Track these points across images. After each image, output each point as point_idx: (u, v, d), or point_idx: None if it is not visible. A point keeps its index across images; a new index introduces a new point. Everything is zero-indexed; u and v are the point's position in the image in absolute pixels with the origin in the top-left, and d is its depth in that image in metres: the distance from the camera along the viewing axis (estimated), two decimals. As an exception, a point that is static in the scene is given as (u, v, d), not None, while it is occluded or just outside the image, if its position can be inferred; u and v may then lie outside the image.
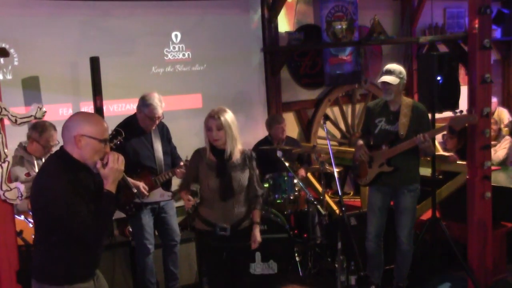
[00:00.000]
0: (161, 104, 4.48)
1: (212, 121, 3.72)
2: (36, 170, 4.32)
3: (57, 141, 4.33)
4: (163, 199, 4.60)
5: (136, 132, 4.51)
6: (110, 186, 2.79)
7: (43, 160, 4.38)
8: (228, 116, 3.74)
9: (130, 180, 4.05)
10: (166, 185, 4.62)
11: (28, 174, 4.30)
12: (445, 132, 4.94)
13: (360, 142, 4.62)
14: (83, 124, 2.80)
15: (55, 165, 2.80)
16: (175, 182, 4.77)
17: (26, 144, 4.42)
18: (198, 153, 3.92)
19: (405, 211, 4.51)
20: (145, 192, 4.40)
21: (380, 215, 4.59)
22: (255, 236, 3.87)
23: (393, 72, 4.38)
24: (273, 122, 5.73)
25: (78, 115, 2.93)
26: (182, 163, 4.59)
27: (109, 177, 2.79)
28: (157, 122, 4.53)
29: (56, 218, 2.69)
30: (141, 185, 4.39)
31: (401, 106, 4.42)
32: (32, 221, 4.05)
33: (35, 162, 4.37)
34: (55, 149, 4.31)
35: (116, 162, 2.80)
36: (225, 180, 3.77)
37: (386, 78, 4.37)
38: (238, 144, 3.82)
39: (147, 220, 4.54)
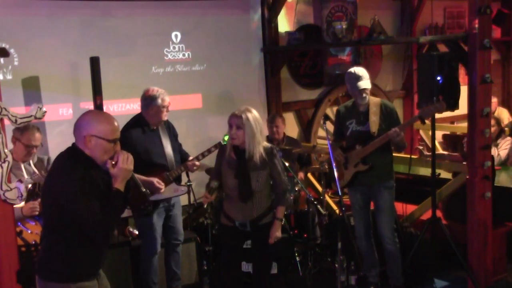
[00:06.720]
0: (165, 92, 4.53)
1: (234, 119, 3.75)
2: (25, 174, 4.17)
3: (41, 143, 4.20)
4: (177, 194, 4.60)
5: (145, 130, 4.50)
6: (119, 184, 2.82)
7: (31, 163, 4.23)
8: (251, 116, 3.75)
9: (142, 177, 4.10)
10: (178, 180, 4.63)
11: (20, 181, 4.22)
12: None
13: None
14: (93, 124, 2.82)
15: (67, 161, 2.82)
16: (185, 178, 4.87)
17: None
18: (222, 148, 4.01)
19: (384, 210, 4.56)
20: (161, 187, 4.35)
21: (364, 213, 4.68)
22: (272, 232, 3.90)
23: (365, 77, 4.47)
24: (267, 121, 5.76)
25: (89, 115, 2.91)
26: (191, 158, 4.64)
27: (118, 177, 2.82)
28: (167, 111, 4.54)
29: (65, 215, 2.70)
30: (155, 180, 4.33)
31: (369, 106, 4.50)
32: (29, 228, 4.00)
33: (22, 166, 4.19)
34: (38, 151, 4.24)
35: (126, 162, 2.83)
36: (244, 181, 3.79)
37: (365, 84, 4.44)
38: (260, 145, 3.82)
39: (157, 219, 4.53)
